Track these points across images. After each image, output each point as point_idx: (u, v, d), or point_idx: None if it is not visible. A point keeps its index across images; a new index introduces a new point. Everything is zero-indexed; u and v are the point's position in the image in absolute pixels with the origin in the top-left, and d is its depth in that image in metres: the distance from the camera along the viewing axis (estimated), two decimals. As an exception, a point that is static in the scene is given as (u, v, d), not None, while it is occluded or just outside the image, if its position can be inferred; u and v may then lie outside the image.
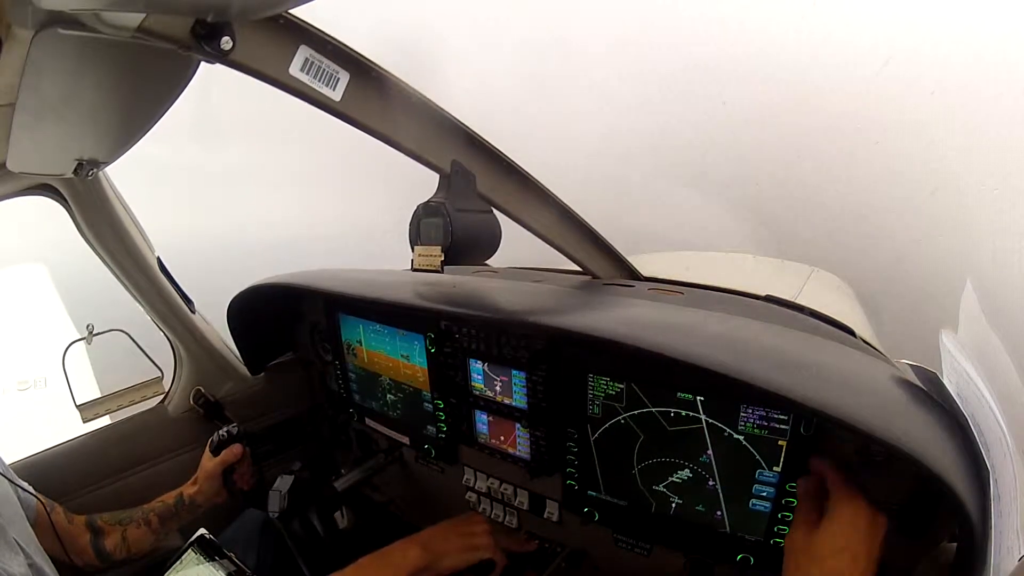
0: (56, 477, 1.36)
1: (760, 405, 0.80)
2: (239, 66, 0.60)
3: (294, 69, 0.65)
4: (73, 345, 1.44)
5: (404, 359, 1.30)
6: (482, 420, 1.19)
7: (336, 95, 0.70)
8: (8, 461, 1.20)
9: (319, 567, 1.22)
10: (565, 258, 1.21)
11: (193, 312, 1.55)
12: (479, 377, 1.15)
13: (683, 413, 0.88)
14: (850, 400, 0.68)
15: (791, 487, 0.81)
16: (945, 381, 0.91)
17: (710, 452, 0.88)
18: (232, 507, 1.47)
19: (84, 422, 1.44)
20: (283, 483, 1.29)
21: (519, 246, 1.13)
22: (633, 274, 1.39)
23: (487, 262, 1.05)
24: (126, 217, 1.34)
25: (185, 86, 0.73)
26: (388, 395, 1.40)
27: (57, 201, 1.26)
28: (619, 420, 0.96)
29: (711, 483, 0.90)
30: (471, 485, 1.29)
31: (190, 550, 1.10)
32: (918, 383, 0.85)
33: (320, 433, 1.76)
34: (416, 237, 0.94)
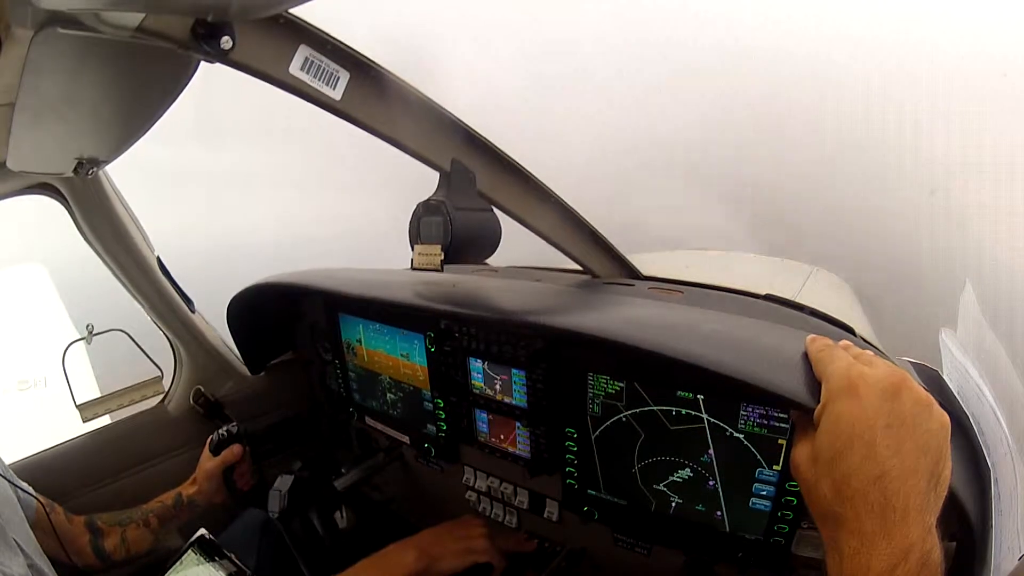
0: (56, 477, 1.36)
1: (760, 404, 0.80)
2: (239, 66, 0.60)
3: (294, 68, 0.66)
4: (73, 345, 1.44)
5: (404, 358, 1.30)
6: (482, 419, 1.19)
7: (336, 94, 0.70)
8: (8, 461, 1.20)
9: (319, 567, 1.22)
10: (565, 257, 1.21)
11: (193, 312, 1.55)
12: (479, 376, 1.15)
13: (684, 412, 0.88)
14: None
15: (791, 486, 0.81)
16: (946, 379, 0.91)
17: (711, 452, 0.88)
18: (232, 507, 1.47)
19: (84, 422, 1.44)
20: (283, 483, 1.30)
21: (519, 245, 1.13)
22: (633, 273, 1.39)
23: (487, 261, 1.05)
24: (126, 217, 1.34)
25: (185, 86, 0.73)
26: (388, 394, 1.40)
27: (57, 200, 1.26)
28: (620, 418, 0.96)
29: (711, 483, 0.90)
30: (471, 484, 1.29)
31: (190, 550, 1.10)
32: (919, 380, 0.85)
33: (320, 432, 1.76)
34: (416, 236, 0.94)
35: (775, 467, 0.82)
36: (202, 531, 1.12)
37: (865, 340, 1.14)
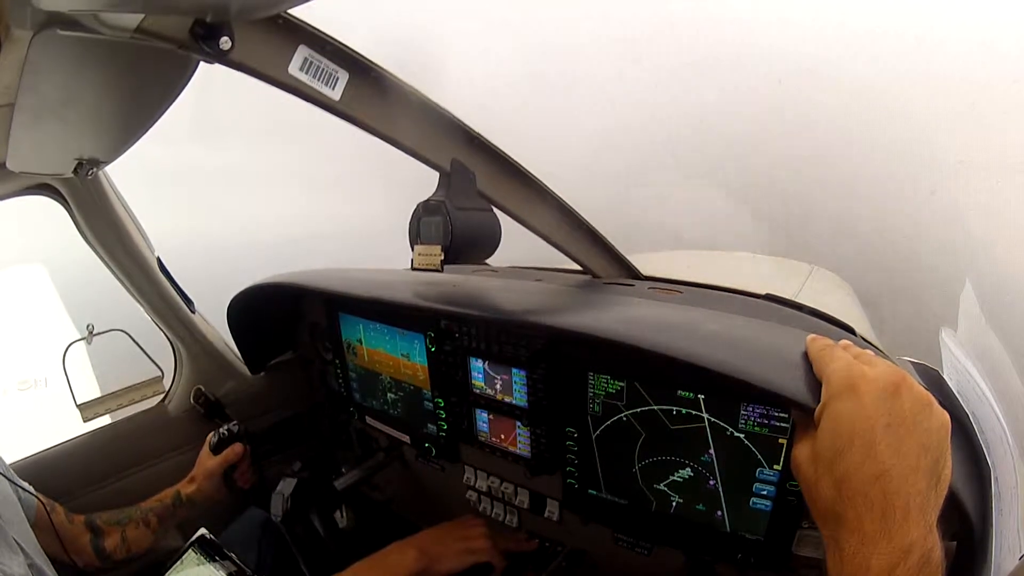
0: (56, 477, 1.36)
1: (760, 403, 0.80)
2: (238, 66, 0.60)
3: (293, 69, 0.65)
4: (73, 345, 1.44)
5: (404, 358, 1.30)
6: (482, 418, 1.19)
7: (335, 94, 0.70)
8: (8, 461, 1.20)
9: (320, 567, 1.22)
10: (565, 257, 1.21)
11: (193, 311, 1.55)
12: (479, 375, 1.15)
13: (684, 411, 0.88)
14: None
15: (792, 486, 0.81)
16: (946, 379, 0.91)
17: (712, 451, 0.88)
18: (233, 507, 1.47)
19: (84, 422, 1.44)
20: (286, 486, 1.29)
21: (519, 245, 1.13)
22: (633, 273, 1.39)
23: (487, 261, 1.05)
24: (126, 217, 1.34)
25: (184, 86, 0.73)
26: (388, 394, 1.40)
27: (57, 201, 1.26)
28: (621, 418, 0.96)
29: (712, 482, 0.90)
30: (471, 484, 1.29)
31: (190, 550, 1.11)
32: (919, 379, 0.85)
33: (320, 432, 1.76)
34: (416, 236, 0.94)
35: (775, 467, 0.82)
36: (202, 531, 1.13)
37: (865, 340, 1.14)
